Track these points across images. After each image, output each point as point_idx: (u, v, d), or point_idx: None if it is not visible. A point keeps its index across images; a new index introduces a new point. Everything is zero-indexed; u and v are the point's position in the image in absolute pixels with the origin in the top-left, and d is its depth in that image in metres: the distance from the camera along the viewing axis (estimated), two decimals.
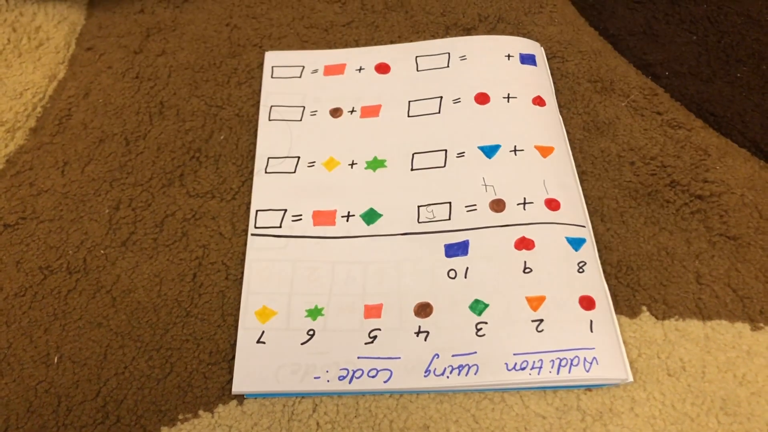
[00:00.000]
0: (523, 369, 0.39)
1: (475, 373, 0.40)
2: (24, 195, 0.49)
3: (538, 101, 0.52)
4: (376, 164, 0.50)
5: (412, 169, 0.49)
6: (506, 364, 0.40)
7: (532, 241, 0.45)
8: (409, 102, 0.53)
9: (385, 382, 0.40)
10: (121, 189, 0.50)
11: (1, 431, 0.39)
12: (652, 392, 0.41)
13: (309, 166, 0.50)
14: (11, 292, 0.45)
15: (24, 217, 0.48)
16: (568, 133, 0.52)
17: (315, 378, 0.40)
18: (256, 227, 0.47)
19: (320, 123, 0.53)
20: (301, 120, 0.53)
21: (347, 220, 0.47)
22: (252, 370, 0.41)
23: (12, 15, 0.60)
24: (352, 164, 0.50)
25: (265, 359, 0.41)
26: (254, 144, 0.52)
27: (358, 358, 0.41)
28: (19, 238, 0.47)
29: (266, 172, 0.50)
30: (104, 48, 0.58)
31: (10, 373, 0.42)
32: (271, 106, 0.54)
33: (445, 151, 0.50)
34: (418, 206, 0.47)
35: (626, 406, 0.40)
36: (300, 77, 0.56)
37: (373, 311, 0.43)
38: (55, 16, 0.60)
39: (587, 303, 0.42)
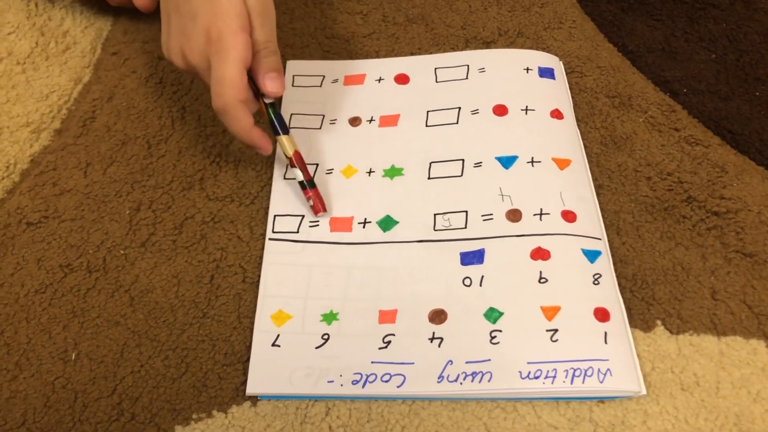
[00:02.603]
0: (536, 378, 0.40)
1: (488, 381, 0.40)
2: (47, 194, 0.50)
3: (556, 114, 0.53)
4: (393, 172, 0.50)
5: (429, 178, 0.50)
6: (520, 372, 0.40)
7: (548, 252, 0.45)
8: (428, 112, 0.54)
9: (398, 387, 0.40)
10: (142, 191, 0.50)
11: (19, 425, 0.40)
12: (665, 406, 0.40)
13: (327, 173, 0.51)
14: (32, 288, 0.45)
15: (46, 216, 0.49)
16: (585, 146, 0.52)
17: (328, 382, 0.41)
18: (273, 232, 0.48)
19: (339, 131, 0.53)
20: (320, 128, 0.54)
21: (364, 227, 0.47)
22: (266, 373, 0.41)
23: (41, 19, 0.61)
24: (370, 172, 0.50)
25: (279, 362, 0.42)
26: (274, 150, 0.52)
27: (372, 362, 0.41)
28: (41, 236, 0.48)
29: (285, 178, 0.50)
30: (129, 53, 0.59)
31: (29, 368, 0.42)
32: (291, 114, 0.54)
33: (463, 160, 0.50)
34: (435, 214, 0.48)
35: (639, 419, 0.40)
36: (320, 86, 0.56)
37: (387, 316, 0.43)
38: (83, 21, 0.62)
39: (602, 315, 0.42)
